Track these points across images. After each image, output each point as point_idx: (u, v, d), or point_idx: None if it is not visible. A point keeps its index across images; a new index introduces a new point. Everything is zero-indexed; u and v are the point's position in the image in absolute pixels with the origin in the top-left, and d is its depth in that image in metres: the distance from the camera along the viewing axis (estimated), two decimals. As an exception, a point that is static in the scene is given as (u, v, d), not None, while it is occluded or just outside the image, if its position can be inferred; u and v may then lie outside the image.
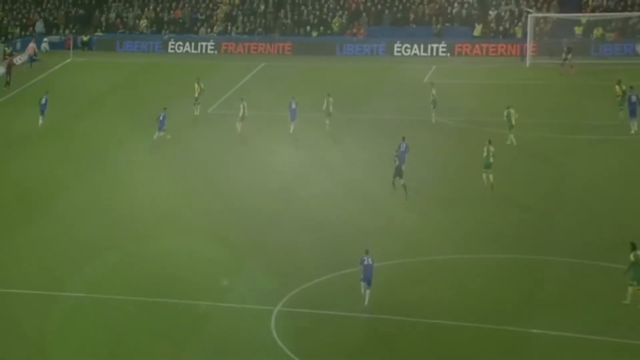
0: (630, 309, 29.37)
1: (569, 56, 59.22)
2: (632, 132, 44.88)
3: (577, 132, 47.08)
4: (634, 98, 45.58)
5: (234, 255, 34.27)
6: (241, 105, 48.80)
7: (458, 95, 52.79)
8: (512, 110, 45.08)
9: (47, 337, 28.61)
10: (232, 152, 46.97)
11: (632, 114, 45.42)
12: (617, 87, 47.98)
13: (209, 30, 72.86)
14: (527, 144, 45.50)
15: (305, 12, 72.46)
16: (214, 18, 73.68)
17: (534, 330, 28.30)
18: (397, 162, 39.75)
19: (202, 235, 36.33)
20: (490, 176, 39.59)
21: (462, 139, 47.16)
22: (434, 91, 49.33)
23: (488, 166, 39.74)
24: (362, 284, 29.88)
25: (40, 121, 51.02)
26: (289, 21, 72.14)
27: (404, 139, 41.72)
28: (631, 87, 45.97)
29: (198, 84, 52.69)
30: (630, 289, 29.72)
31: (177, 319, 29.79)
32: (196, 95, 52.52)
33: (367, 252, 30.06)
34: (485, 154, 40.01)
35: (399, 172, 39.41)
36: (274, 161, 44.53)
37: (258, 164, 44.55)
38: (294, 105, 48.45)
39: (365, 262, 29.84)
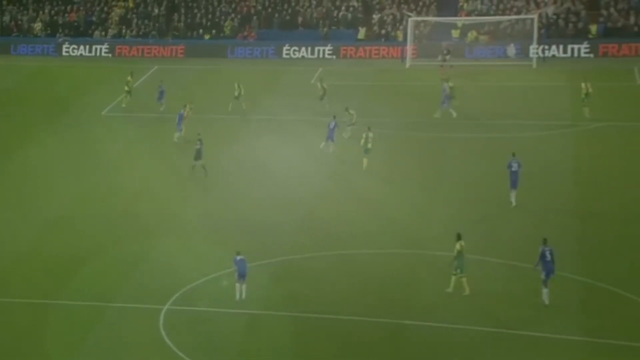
0: (454, 297, 30.37)
1: (448, 57, 61.19)
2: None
3: (452, 131, 48.15)
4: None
5: (126, 254, 34.60)
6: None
7: (343, 96, 53.74)
8: (352, 112, 46.54)
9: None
10: (125, 154, 46.99)
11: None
12: (582, 84, 48.98)
13: (103, 33, 72.54)
14: (400, 142, 46.66)
15: (198, 15, 72.79)
16: (109, 21, 73.42)
17: (407, 322, 29.27)
18: (198, 146, 42.03)
19: (100, 233, 36.74)
20: (365, 160, 41.70)
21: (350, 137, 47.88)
22: (324, 85, 51.10)
23: (367, 152, 41.62)
24: (238, 280, 30.79)
25: None
26: (182, 24, 72.41)
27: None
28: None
29: (131, 77, 53.37)
30: (453, 277, 30.78)
31: (68, 321, 30.04)
32: (127, 88, 53.40)
33: (238, 252, 30.99)
34: (363, 140, 41.78)
35: (199, 155, 41.85)
36: (161, 165, 44.67)
37: (146, 167, 44.65)
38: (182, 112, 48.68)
39: (238, 259, 30.80)
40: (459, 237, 31.19)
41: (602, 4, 66.07)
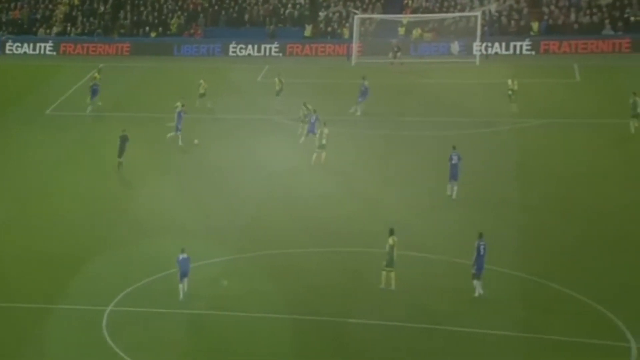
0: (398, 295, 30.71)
1: (399, 54, 61.59)
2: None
3: (397, 129, 48.49)
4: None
5: (69, 255, 34.57)
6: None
7: (289, 94, 53.75)
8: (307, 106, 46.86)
9: None
10: (71, 153, 46.79)
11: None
12: (509, 81, 49.57)
13: (47, 30, 71.95)
14: (346, 139, 46.71)
15: (144, 12, 72.51)
16: (53, 19, 72.83)
17: (351, 320, 29.57)
18: (119, 143, 42.63)
19: (41, 235, 36.78)
20: (323, 154, 42.38)
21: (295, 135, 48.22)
22: (282, 79, 51.78)
23: (322, 147, 42.59)
24: (180, 280, 30.97)
25: None
26: (128, 22, 72.07)
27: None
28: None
29: (99, 73, 52.82)
30: (384, 273, 31.20)
31: (7, 324, 30.00)
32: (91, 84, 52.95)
33: (183, 250, 31.17)
34: (318, 136, 42.71)
35: (121, 150, 42.75)
36: (102, 163, 44.69)
37: (86, 165, 44.72)
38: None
39: (181, 258, 31.00)
40: (391, 232, 31.42)
41: (543, 2, 66.79)
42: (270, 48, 67.26)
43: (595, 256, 33.89)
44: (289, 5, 70.96)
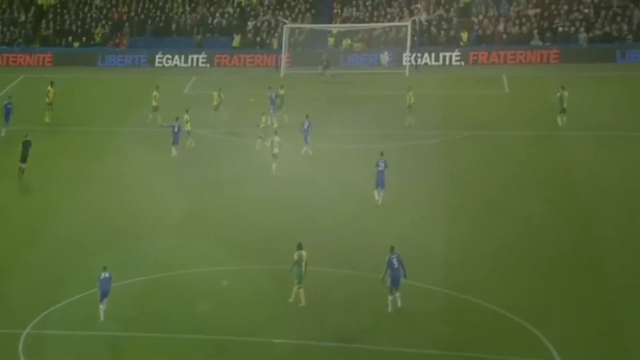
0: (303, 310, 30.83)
1: (328, 69, 61.60)
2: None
3: (323, 142, 48.47)
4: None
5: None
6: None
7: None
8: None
9: None
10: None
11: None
12: (407, 94, 49.80)
13: (-34, 40, 70.95)
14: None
15: (67, 21, 71.78)
16: (-28, 28, 71.78)
17: (276, 340, 29.64)
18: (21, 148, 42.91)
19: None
20: (274, 165, 42.98)
21: (221, 149, 48.46)
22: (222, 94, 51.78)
23: (275, 156, 42.91)
24: (100, 300, 30.79)
25: None
26: (51, 31, 71.26)
27: None
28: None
29: (51, 87, 52.44)
30: (295, 287, 31.26)
31: None
32: (49, 100, 52.50)
33: (105, 269, 31.09)
34: (269, 145, 43.85)
35: (23, 156, 42.94)
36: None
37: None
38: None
39: (102, 277, 30.85)
40: (299, 247, 31.43)
41: (473, 12, 67.72)
42: (198, 58, 67.12)
43: (519, 269, 34.19)
44: (217, 15, 70.86)
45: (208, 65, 66.70)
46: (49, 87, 53.46)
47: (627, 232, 36.97)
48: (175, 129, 46.68)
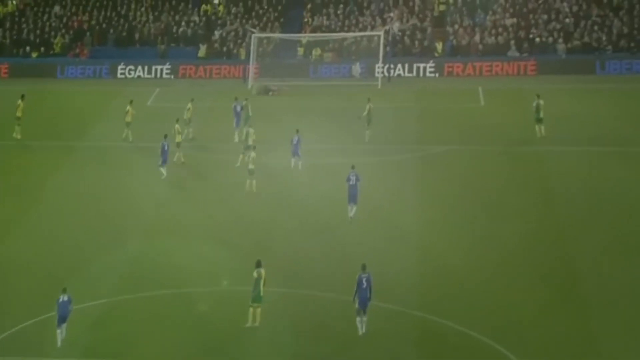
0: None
1: (271, 93, 61.34)
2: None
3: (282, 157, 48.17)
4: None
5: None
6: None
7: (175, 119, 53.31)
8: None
9: None
10: None
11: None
12: (367, 105, 49.78)
13: None
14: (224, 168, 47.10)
15: (25, 30, 71.35)
16: None
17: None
18: None
19: None
20: (254, 182, 42.83)
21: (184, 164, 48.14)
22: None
23: (251, 172, 42.63)
24: (58, 325, 30.49)
25: None
26: (7, 41, 70.75)
27: None
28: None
29: (22, 101, 52.09)
30: (250, 309, 31.16)
31: None
32: (19, 115, 51.97)
33: (64, 291, 30.86)
34: (243, 160, 43.99)
35: None
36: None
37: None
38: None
39: (61, 300, 30.60)
40: (258, 265, 31.31)
41: (448, 21, 68.04)
42: (162, 69, 67.07)
43: (490, 290, 34.27)
44: (182, 24, 70.80)
45: (172, 76, 66.73)
46: (19, 101, 52.69)
47: (603, 244, 37.36)
48: (165, 147, 45.44)
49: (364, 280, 30.66)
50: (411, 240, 38.38)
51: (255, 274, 31.14)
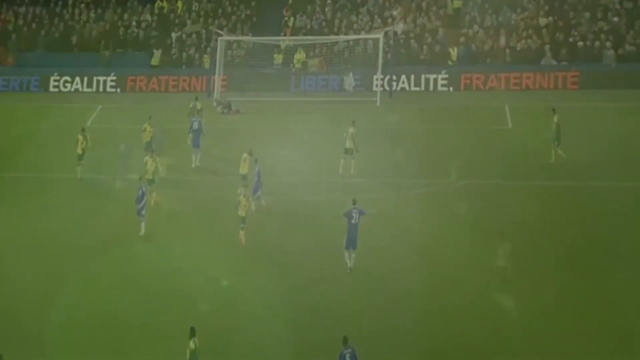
0: None
1: (227, 109, 61.70)
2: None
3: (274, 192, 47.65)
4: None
5: None
6: None
7: (125, 141, 52.34)
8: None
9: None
10: None
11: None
12: (349, 131, 49.34)
13: None
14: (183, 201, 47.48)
15: None
16: None
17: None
18: None
19: None
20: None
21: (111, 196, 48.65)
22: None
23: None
24: None
25: None
26: None
27: None
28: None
29: None
30: None
31: None
32: None
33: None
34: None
35: None
36: None
37: None
38: None
39: None
40: (192, 334, 31.55)
41: (465, 21, 67.97)
42: (105, 81, 67.25)
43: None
44: (132, 24, 71.08)
45: (119, 90, 66.98)
46: None
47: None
48: (141, 192, 43.44)
49: (347, 357, 31.02)
50: (414, 301, 37.76)
51: (191, 344, 31.41)
